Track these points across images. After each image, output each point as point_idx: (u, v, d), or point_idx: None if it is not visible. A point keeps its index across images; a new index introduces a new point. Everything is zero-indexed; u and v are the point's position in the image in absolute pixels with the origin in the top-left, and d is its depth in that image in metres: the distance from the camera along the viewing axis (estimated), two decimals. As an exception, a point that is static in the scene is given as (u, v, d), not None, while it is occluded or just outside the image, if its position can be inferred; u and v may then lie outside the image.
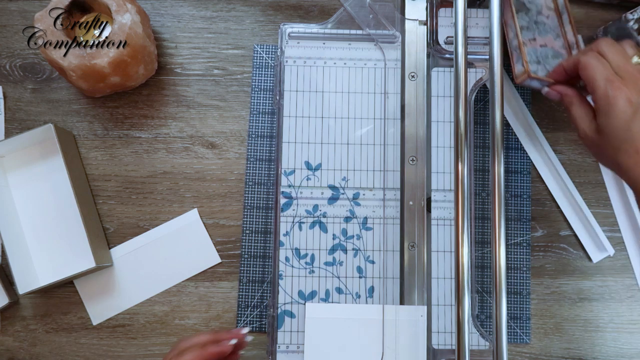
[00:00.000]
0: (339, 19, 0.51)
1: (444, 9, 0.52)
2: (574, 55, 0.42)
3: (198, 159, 0.52)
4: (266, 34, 0.54)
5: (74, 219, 0.47)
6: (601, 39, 0.41)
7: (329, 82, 0.51)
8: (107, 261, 0.50)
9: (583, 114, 0.41)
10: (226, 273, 0.51)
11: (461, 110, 0.45)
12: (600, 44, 0.41)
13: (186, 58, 0.53)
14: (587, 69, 0.40)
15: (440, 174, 0.50)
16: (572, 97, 0.42)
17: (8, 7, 0.54)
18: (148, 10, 0.53)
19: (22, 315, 0.50)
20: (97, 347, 0.50)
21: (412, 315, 0.47)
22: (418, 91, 0.50)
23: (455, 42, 0.46)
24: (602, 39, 0.41)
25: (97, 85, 0.48)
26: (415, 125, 0.50)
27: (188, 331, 0.50)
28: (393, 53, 0.51)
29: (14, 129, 0.52)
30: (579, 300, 0.51)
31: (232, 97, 0.53)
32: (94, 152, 0.52)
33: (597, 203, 0.52)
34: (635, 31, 0.47)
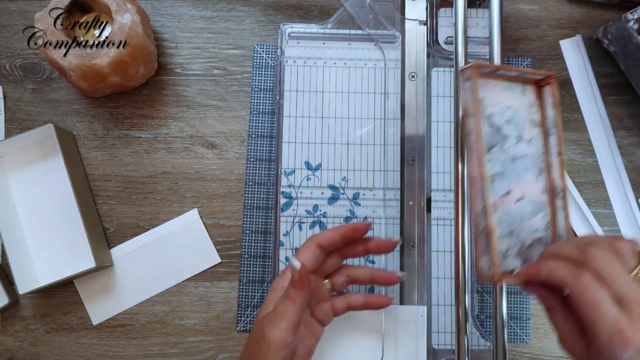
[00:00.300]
0: (339, 19, 0.51)
1: (444, 9, 0.52)
2: (555, 267, 0.32)
3: (198, 159, 0.52)
4: (266, 34, 0.54)
5: (74, 219, 0.47)
6: (594, 242, 0.32)
7: (329, 82, 0.51)
8: (107, 261, 0.50)
9: (568, 330, 0.33)
10: (226, 273, 0.51)
11: (461, 110, 0.45)
12: (595, 258, 0.31)
13: (186, 58, 0.53)
14: (584, 304, 0.30)
15: (440, 174, 0.50)
16: (556, 306, 0.33)
17: (8, 7, 0.54)
18: (148, 10, 0.53)
19: (22, 315, 0.50)
20: (97, 347, 0.50)
21: (412, 315, 0.47)
22: (418, 91, 0.50)
23: (455, 42, 0.46)
24: (595, 244, 0.31)
25: (97, 85, 0.48)
26: (415, 125, 0.50)
27: (188, 331, 0.50)
28: (393, 53, 0.51)
29: (14, 129, 0.52)
30: (579, 300, 0.51)
31: (232, 97, 0.53)
32: (94, 152, 0.52)
33: (597, 203, 0.52)
34: (635, 31, 0.47)
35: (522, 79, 0.36)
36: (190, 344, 0.50)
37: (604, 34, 0.51)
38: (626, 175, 0.52)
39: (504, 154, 0.36)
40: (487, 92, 0.36)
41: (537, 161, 0.36)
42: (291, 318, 0.36)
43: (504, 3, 0.53)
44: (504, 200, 0.35)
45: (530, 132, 0.36)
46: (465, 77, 0.35)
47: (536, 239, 0.36)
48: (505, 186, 0.35)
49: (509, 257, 0.35)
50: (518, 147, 0.36)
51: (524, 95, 0.37)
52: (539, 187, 0.36)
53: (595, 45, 0.53)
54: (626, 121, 0.53)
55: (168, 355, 0.50)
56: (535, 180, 0.36)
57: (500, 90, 0.36)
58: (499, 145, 0.35)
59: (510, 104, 0.36)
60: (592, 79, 0.53)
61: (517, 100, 0.36)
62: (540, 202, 0.36)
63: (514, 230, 0.35)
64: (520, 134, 0.36)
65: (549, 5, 0.54)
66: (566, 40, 0.53)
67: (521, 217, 0.35)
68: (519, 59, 0.53)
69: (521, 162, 0.36)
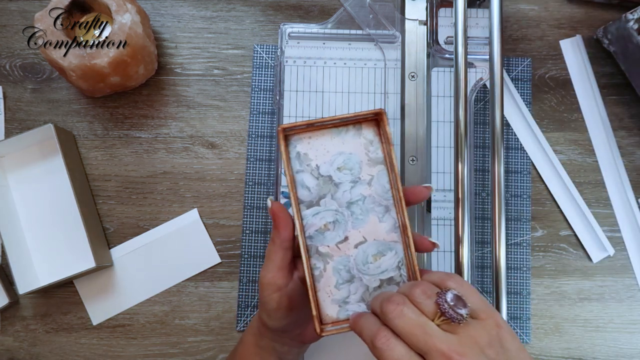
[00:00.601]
0: (339, 19, 0.51)
1: (444, 9, 0.52)
2: (364, 322, 0.31)
3: (198, 159, 0.52)
4: (266, 34, 0.53)
5: (74, 219, 0.47)
6: (388, 298, 0.30)
7: (329, 82, 0.51)
8: (107, 261, 0.50)
9: None
10: (226, 273, 0.51)
11: (461, 110, 0.45)
12: (390, 315, 0.29)
13: (186, 58, 0.53)
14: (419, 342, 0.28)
15: (440, 174, 0.50)
16: None
17: (8, 7, 0.54)
18: (148, 10, 0.53)
19: (22, 315, 0.50)
20: (97, 347, 0.50)
21: (412, 315, 0.47)
22: (418, 91, 0.50)
23: (455, 42, 0.46)
24: (388, 300, 0.30)
25: (97, 85, 0.48)
26: (415, 125, 0.50)
27: (188, 331, 0.50)
28: (393, 53, 0.51)
29: (14, 129, 0.52)
30: (579, 300, 0.51)
31: (232, 97, 0.53)
32: (94, 152, 0.52)
33: (597, 203, 0.52)
34: (635, 31, 0.47)
35: (356, 120, 0.36)
36: (190, 344, 0.50)
37: (604, 34, 0.51)
38: (626, 175, 0.52)
39: (336, 202, 0.36)
40: (312, 145, 0.36)
41: (382, 200, 0.36)
42: (275, 260, 0.36)
43: (504, 3, 0.53)
44: (342, 248, 0.36)
45: (371, 171, 0.36)
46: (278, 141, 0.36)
47: (385, 280, 0.36)
48: (340, 234, 0.36)
49: (349, 303, 0.35)
50: (355, 191, 0.36)
51: (359, 137, 0.36)
52: (385, 226, 0.36)
53: (595, 45, 0.53)
54: (626, 121, 0.53)
55: (168, 355, 0.50)
56: (381, 220, 0.36)
57: (329, 139, 0.36)
58: (330, 195, 0.36)
59: (343, 150, 0.36)
60: (592, 79, 0.53)
61: (351, 143, 0.36)
62: (388, 241, 0.36)
63: (355, 276, 0.35)
64: (357, 177, 0.36)
65: (549, 5, 0.54)
66: (566, 40, 0.53)
67: (364, 260, 0.36)
68: (519, 59, 0.53)
69: (359, 206, 0.36)
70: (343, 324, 0.35)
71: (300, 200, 0.36)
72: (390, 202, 0.36)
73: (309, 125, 0.36)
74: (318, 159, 0.36)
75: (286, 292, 0.36)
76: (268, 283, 0.36)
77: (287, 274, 0.36)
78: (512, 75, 0.53)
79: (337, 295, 0.35)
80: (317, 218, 0.36)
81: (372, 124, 0.37)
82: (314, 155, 0.36)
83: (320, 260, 0.36)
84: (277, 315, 0.37)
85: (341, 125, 0.36)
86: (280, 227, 0.36)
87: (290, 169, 0.36)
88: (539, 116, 0.53)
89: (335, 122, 0.36)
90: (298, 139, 0.36)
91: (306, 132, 0.36)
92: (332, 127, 0.36)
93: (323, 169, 0.36)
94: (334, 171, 0.36)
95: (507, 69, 0.53)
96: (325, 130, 0.36)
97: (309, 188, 0.36)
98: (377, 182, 0.36)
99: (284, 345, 0.40)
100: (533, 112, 0.52)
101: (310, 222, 0.36)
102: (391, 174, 0.36)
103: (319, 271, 0.36)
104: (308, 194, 0.36)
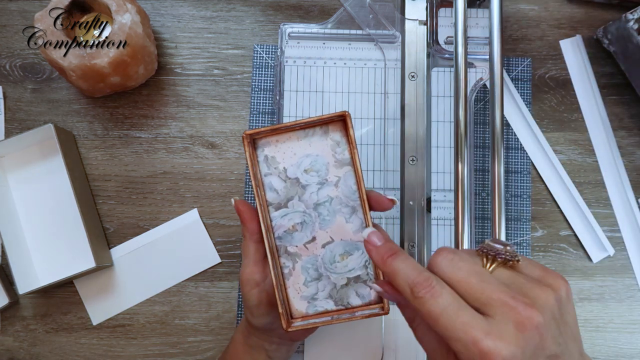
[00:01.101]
0: (339, 19, 0.51)
1: (444, 9, 0.52)
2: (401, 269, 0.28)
3: (198, 159, 0.52)
4: (266, 34, 0.53)
5: (74, 219, 0.47)
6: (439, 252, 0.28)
7: (329, 82, 0.51)
8: (107, 261, 0.50)
9: (435, 346, 0.28)
10: (226, 273, 0.51)
11: (461, 110, 0.45)
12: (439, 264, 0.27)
13: (186, 58, 0.53)
14: (426, 315, 0.25)
15: (440, 174, 0.50)
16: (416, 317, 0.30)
17: (8, 7, 0.54)
18: (148, 10, 0.53)
19: (22, 315, 0.50)
20: (97, 347, 0.50)
21: (412, 315, 0.47)
22: (418, 91, 0.50)
23: (455, 42, 0.46)
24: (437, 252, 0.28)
25: (97, 85, 0.48)
26: (415, 125, 0.50)
27: (188, 331, 0.50)
28: (393, 53, 0.51)
29: (14, 129, 0.52)
30: (579, 300, 0.51)
31: (232, 97, 0.53)
32: (94, 152, 0.52)
33: (597, 203, 0.52)
34: (635, 31, 0.47)
35: (323, 122, 0.37)
36: (190, 344, 0.50)
37: (604, 34, 0.51)
38: (626, 175, 0.52)
39: (303, 203, 0.37)
40: (279, 148, 0.37)
41: (348, 200, 0.37)
42: (249, 254, 0.37)
43: (504, 3, 0.53)
44: (310, 248, 0.37)
45: (337, 172, 0.37)
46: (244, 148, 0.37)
47: (352, 278, 0.37)
48: (308, 234, 0.37)
49: (318, 299, 0.37)
50: (322, 192, 0.37)
51: (326, 138, 0.37)
52: (352, 227, 0.37)
53: (595, 45, 0.53)
54: (626, 121, 0.53)
55: (168, 355, 0.50)
56: (348, 221, 0.37)
57: (296, 141, 0.37)
58: (297, 197, 0.37)
59: (309, 152, 0.37)
60: (592, 79, 0.53)
61: (317, 145, 0.37)
62: (355, 241, 0.37)
63: (322, 274, 0.37)
64: (324, 179, 0.37)
65: (549, 5, 0.54)
66: (566, 40, 0.53)
67: (331, 259, 0.37)
68: (519, 59, 0.53)
69: (326, 207, 0.37)
70: (311, 319, 0.36)
71: (268, 203, 0.37)
72: (357, 202, 0.37)
73: (274, 130, 0.37)
74: (285, 162, 0.37)
75: (264, 288, 0.37)
76: (247, 279, 0.37)
77: (263, 269, 0.37)
78: (512, 75, 0.53)
79: (305, 292, 0.37)
80: (285, 219, 0.37)
81: (338, 125, 0.37)
82: (281, 158, 0.37)
83: (289, 259, 0.37)
84: (259, 312, 0.38)
85: (308, 128, 0.37)
86: (246, 221, 0.37)
87: (259, 172, 0.37)
88: (539, 116, 0.53)
89: (301, 125, 0.37)
90: (266, 143, 0.37)
91: (273, 135, 0.37)
92: (299, 130, 0.37)
93: (290, 172, 0.37)
94: (301, 173, 0.37)
95: (507, 69, 0.53)
96: (292, 133, 0.37)
97: (277, 190, 0.37)
98: (344, 183, 0.37)
99: (272, 344, 0.40)
100: (533, 112, 0.52)
101: (278, 223, 0.37)
102: (357, 176, 0.37)
103: (288, 269, 0.37)
104: (276, 196, 0.37)
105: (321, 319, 0.36)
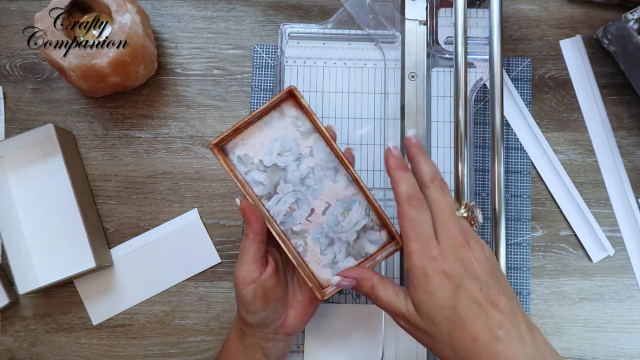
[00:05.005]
0: (339, 19, 0.51)
1: (444, 9, 0.52)
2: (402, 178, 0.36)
3: (198, 159, 0.52)
4: (266, 34, 0.54)
5: (74, 219, 0.47)
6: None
7: (329, 82, 0.51)
8: (107, 261, 0.50)
9: (393, 293, 0.36)
10: (226, 273, 0.51)
11: (461, 110, 0.45)
12: (433, 194, 0.36)
13: (186, 58, 0.53)
14: (405, 227, 0.35)
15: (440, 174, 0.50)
16: (372, 278, 0.36)
17: (8, 7, 0.54)
18: (148, 10, 0.53)
19: (22, 315, 0.50)
20: (97, 347, 0.50)
21: (412, 315, 0.47)
22: (418, 91, 0.50)
23: (455, 42, 0.46)
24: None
25: (97, 85, 0.48)
26: (415, 125, 0.50)
27: (188, 331, 0.50)
28: (393, 53, 0.51)
29: (14, 129, 0.52)
30: (579, 300, 0.51)
31: (232, 97, 0.53)
32: (94, 152, 0.52)
33: (597, 203, 0.52)
34: (635, 31, 0.47)
35: (275, 104, 0.39)
36: (190, 344, 0.50)
37: (604, 34, 0.51)
38: (626, 175, 0.52)
39: (290, 183, 0.39)
40: (247, 144, 0.39)
41: (328, 163, 0.39)
42: (249, 253, 0.38)
43: (504, 3, 0.53)
44: (312, 220, 0.39)
45: (307, 143, 0.39)
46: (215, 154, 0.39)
47: (360, 230, 0.39)
48: (306, 209, 0.39)
49: (338, 262, 0.39)
50: (302, 166, 0.39)
51: (284, 118, 0.39)
52: (340, 185, 0.39)
53: (595, 45, 0.53)
54: (626, 121, 0.53)
55: (168, 355, 0.50)
56: (335, 182, 0.39)
57: (258, 132, 0.39)
58: (282, 181, 0.39)
59: (275, 136, 0.39)
60: (592, 79, 0.53)
61: (279, 126, 0.39)
62: (348, 196, 0.39)
63: (333, 237, 0.39)
64: (298, 154, 0.39)
65: (549, 5, 0.54)
66: (566, 40, 0.53)
67: (335, 222, 0.39)
68: (518, 59, 0.53)
69: (311, 178, 0.39)
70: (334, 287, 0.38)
71: (259, 196, 0.39)
72: (336, 162, 0.39)
73: (236, 130, 0.38)
74: (258, 154, 0.39)
75: (260, 284, 0.38)
76: (243, 277, 0.38)
77: (260, 267, 0.38)
78: (512, 75, 0.53)
79: (325, 260, 0.39)
80: (280, 205, 0.39)
81: (290, 101, 0.39)
82: (253, 152, 0.39)
83: (298, 237, 0.39)
84: (255, 308, 0.38)
85: (264, 115, 0.39)
86: (251, 221, 0.38)
87: (239, 173, 0.39)
88: (539, 116, 0.53)
89: (257, 115, 0.38)
90: (233, 145, 0.39)
91: (237, 135, 0.39)
92: (257, 121, 0.39)
93: (267, 161, 0.39)
94: (276, 158, 0.39)
95: (507, 69, 0.53)
96: (253, 126, 0.39)
97: (262, 182, 0.39)
98: (317, 150, 0.39)
99: (268, 341, 0.40)
100: (533, 112, 0.52)
101: (275, 210, 0.39)
102: (325, 138, 0.39)
103: (302, 247, 0.39)
104: (263, 188, 0.39)
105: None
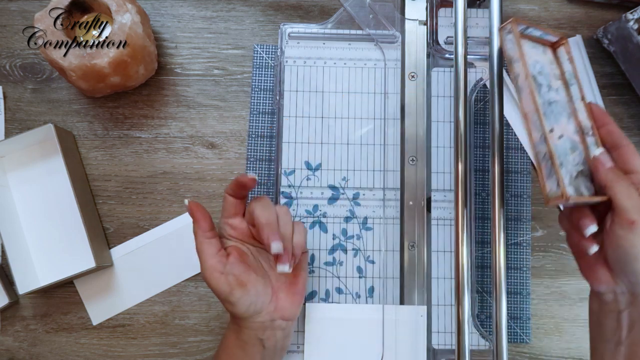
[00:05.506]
0: (339, 19, 0.51)
1: (444, 9, 0.52)
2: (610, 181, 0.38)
3: (198, 159, 0.52)
4: (266, 34, 0.54)
5: (74, 219, 0.47)
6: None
7: (329, 82, 0.51)
8: (107, 261, 0.50)
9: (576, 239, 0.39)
10: (226, 273, 0.51)
11: (461, 110, 0.45)
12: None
13: (186, 58, 0.53)
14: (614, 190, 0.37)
15: (440, 174, 0.50)
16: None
17: (8, 7, 0.54)
18: (148, 10, 0.53)
19: (22, 315, 0.50)
20: (97, 347, 0.50)
21: (412, 315, 0.47)
22: (418, 91, 0.50)
23: (455, 42, 0.46)
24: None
25: (97, 85, 0.48)
26: (415, 125, 0.50)
27: (188, 331, 0.50)
28: (393, 53, 0.51)
29: (14, 129, 0.52)
30: (579, 300, 0.51)
31: (232, 97, 0.53)
32: (94, 152, 0.52)
33: (597, 203, 0.52)
34: (635, 31, 0.47)
35: (541, 40, 0.42)
36: (190, 344, 0.50)
37: (604, 34, 0.51)
38: (626, 175, 0.52)
39: (542, 98, 0.40)
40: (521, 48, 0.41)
41: (566, 107, 0.41)
42: (205, 250, 0.40)
43: (504, 3, 0.53)
44: (550, 136, 0.39)
45: (556, 83, 0.41)
46: (506, 30, 0.41)
47: (579, 172, 0.40)
48: (548, 124, 0.39)
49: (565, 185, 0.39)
50: (550, 94, 0.41)
51: (545, 54, 0.42)
52: (571, 128, 0.41)
53: (595, 45, 0.53)
54: (626, 121, 0.53)
55: (168, 355, 0.50)
56: (567, 123, 0.41)
57: (529, 48, 0.41)
58: (537, 91, 0.40)
59: (538, 60, 0.41)
60: (592, 79, 0.53)
61: (542, 57, 0.42)
62: (575, 140, 0.40)
63: (562, 162, 0.39)
64: (549, 84, 0.41)
65: (549, 5, 0.54)
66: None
67: (565, 152, 0.39)
68: (519, 59, 0.53)
69: (555, 106, 0.40)
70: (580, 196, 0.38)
71: (518, 88, 0.40)
72: (570, 111, 0.41)
73: (525, 28, 0.41)
74: (526, 59, 0.41)
75: (229, 271, 0.39)
76: (210, 273, 0.39)
77: (222, 258, 0.39)
78: (512, 75, 0.53)
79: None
80: (545, 94, 0.40)
81: (550, 49, 0.43)
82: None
83: (542, 144, 0.39)
84: (235, 297, 0.39)
85: (536, 41, 0.42)
86: (199, 219, 0.40)
87: (523, 53, 0.40)
88: (539, 116, 0.52)
89: (535, 37, 0.42)
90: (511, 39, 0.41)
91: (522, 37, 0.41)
92: (530, 40, 0.42)
93: (530, 69, 0.40)
94: (536, 73, 0.41)
95: (506, 69, 0.53)
96: (527, 41, 0.41)
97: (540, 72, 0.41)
98: (561, 93, 0.41)
99: (265, 330, 0.40)
100: (533, 112, 0.52)
101: (543, 99, 0.40)
102: (577, 85, 0.42)
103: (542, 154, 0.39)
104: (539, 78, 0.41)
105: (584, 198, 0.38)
